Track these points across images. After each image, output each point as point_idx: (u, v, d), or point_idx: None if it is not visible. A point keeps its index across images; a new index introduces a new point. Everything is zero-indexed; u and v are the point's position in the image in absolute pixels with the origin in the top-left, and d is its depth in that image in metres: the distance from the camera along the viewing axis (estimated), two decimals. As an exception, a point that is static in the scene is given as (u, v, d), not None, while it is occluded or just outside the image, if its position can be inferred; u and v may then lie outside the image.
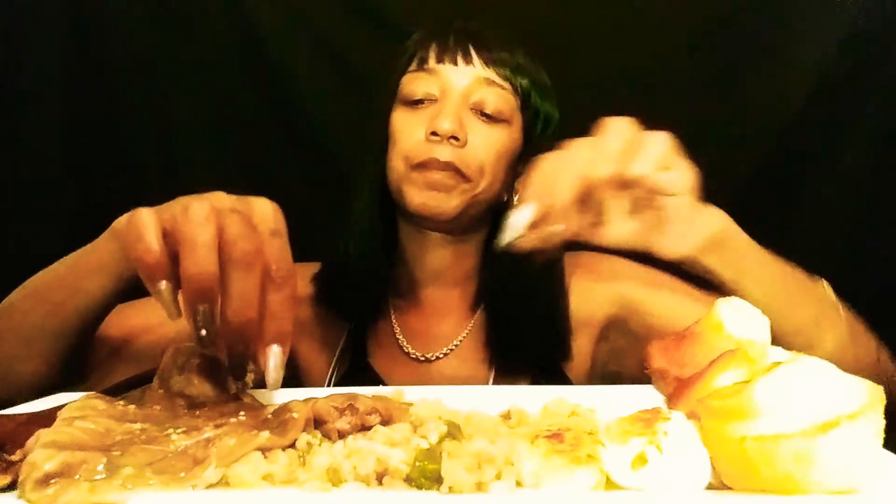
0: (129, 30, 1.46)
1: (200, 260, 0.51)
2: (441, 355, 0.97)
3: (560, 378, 0.93)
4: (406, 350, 0.97)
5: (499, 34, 0.96)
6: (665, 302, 0.91)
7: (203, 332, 0.51)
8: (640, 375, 0.91)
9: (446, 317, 0.99)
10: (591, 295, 0.96)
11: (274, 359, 0.53)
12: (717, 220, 0.71)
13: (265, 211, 0.57)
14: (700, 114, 1.41)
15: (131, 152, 1.49)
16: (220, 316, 0.51)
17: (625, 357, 0.95)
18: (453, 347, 0.97)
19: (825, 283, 0.76)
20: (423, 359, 0.97)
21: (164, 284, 0.52)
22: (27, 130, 1.45)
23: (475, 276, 0.99)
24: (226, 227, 0.52)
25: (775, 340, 0.69)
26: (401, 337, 0.98)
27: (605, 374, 0.99)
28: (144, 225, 0.53)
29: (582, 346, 0.96)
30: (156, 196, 0.59)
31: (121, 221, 0.69)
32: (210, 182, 1.56)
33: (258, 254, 0.52)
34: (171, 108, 1.49)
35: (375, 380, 0.95)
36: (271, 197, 0.60)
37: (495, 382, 0.94)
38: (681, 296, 0.89)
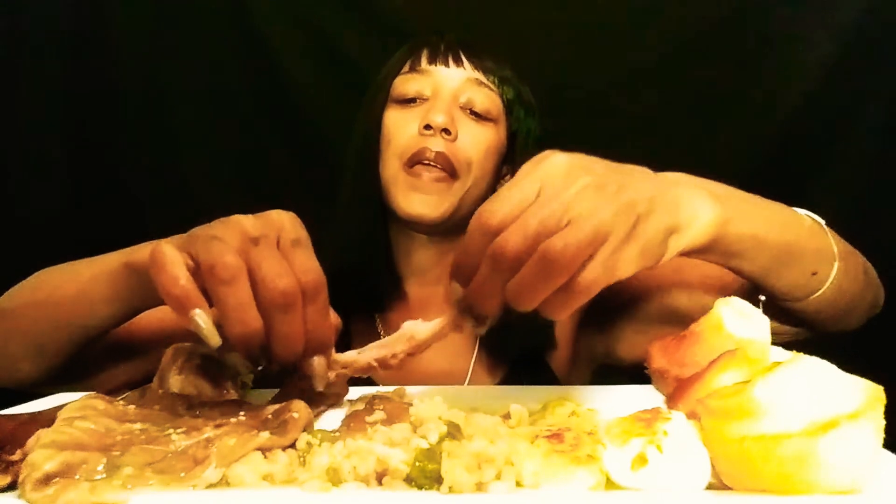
0: (129, 29, 1.46)
1: (242, 319, 0.50)
2: None
3: (540, 367, 0.95)
4: None
5: (489, 47, 1.00)
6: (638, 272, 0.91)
7: (259, 367, 0.54)
8: (632, 354, 0.93)
9: (429, 314, 1.00)
10: None
11: (317, 369, 0.55)
12: (701, 232, 0.58)
13: (283, 223, 0.56)
14: (701, 113, 1.41)
15: (131, 153, 1.49)
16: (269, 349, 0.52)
17: (613, 334, 0.97)
18: None
19: (818, 220, 0.72)
20: None
21: (197, 313, 0.50)
22: (27, 131, 1.45)
23: None
24: (258, 268, 0.51)
25: (773, 298, 0.70)
26: (382, 333, 1.00)
27: (592, 356, 1.01)
28: (165, 257, 0.51)
29: (562, 333, 0.98)
30: (155, 196, 0.59)
31: (137, 254, 0.67)
32: (209, 181, 1.57)
33: (294, 287, 0.51)
34: (172, 109, 1.49)
35: None
36: (271, 196, 0.60)
37: (473, 373, 0.95)
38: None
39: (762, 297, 0.72)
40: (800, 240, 0.68)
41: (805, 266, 0.69)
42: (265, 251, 0.52)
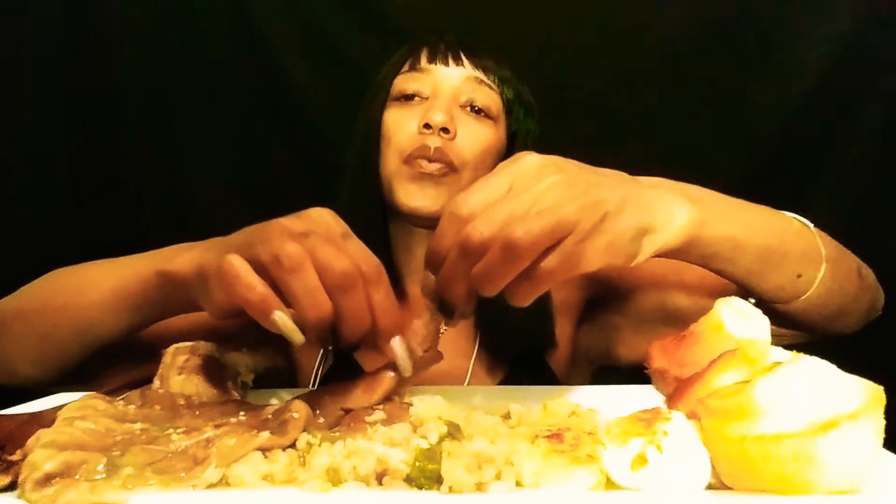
0: (129, 29, 1.46)
1: (315, 304, 0.52)
2: None
3: (541, 366, 0.95)
4: None
5: (489, 47, 1.00)
6: (635, 270, 0.92)
7: (330, 347, 0.56)
8: (630, 354, 0.94)
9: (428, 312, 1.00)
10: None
11: (399, 350, 0.57)
12: (676, 233, 0.60)
13: (326, 219, 0.58)
14: (702, 113, 1.41)
15: (131, 153, 1.49)
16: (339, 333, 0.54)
17: (612, 335, 0.97)
18: None
19: (806, 223, 0.73)
20: None
21: (278, 314, 0.52)
22: (26, 130, 1.45)
23: None
24: (314, 256, 0.52)
25: (760, 300, 0.71)
26: None
27: (591, 356, 1.01)
28: (236, 267, 0.52)
29: (562, 332, 0.98)
30: (155, 196, 0.59)
31: (172, 263, 0.64)
32: (209, 181, 1.56)
33: (353, 266, 0.53)
34: (172, 109, 1.49)
35: (360, 373, 0.96)
36: (271, 196, 0.60)
37: (473, 374, 0.95)
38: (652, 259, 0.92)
39: (751, 300, 0.72)
40: (783, 243, 0.69)
41: (789, 269, 0.69)
42: (316, 241, 0.54)
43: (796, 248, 0.70)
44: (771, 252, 0.68)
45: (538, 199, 0.51)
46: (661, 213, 0.58)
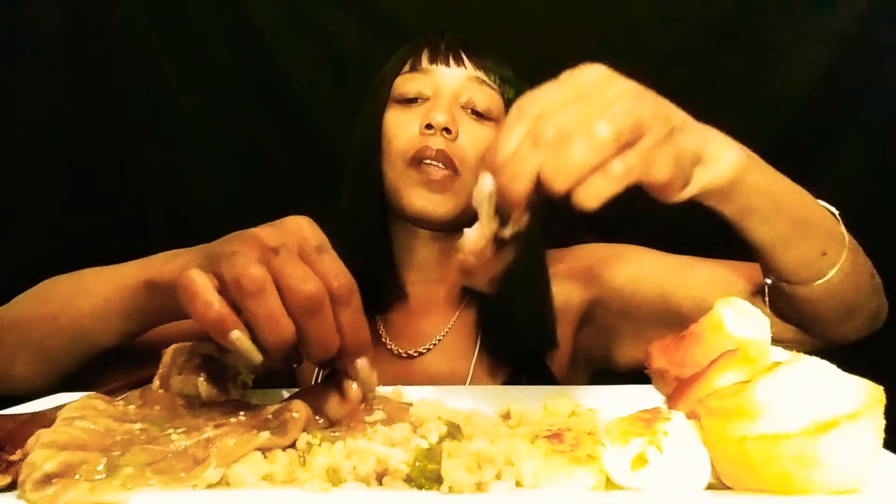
0: (129, 29, 1.46)
1: (275, 328, 0.50)
2: (424, 351, 0.98)
3: (541, 369, 0.95)
4: (389, 347, 0.98)
5: (488, 47, 1.00)
6: (638, 273, 0.94)
7: (294, 365, 0.56)
8: (629, 358, 0.94)
9: (430, 314, 1.01)
10: (566, 281, 0.99)
11: (362, 371, 0.56)
12: (725, 169, 0.61)
13: (302, 229, 0.57)
14: (702, 113, 1.41)
15: (131, 153, 1.49)
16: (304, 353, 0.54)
17: (612, 337, 0.97)
18: (436, 342, 0.98)
19: (833, 210, 0.73)
20: (405, 355, 0.98)
21: (235, 334, 0.51)
22: (26, 131, 1.45)
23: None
24: (280, 276, 0.51)
25: (780, 277, 0.71)
26: (384, 334, 1.00)
27: (589, 359, 1.02)
28: (195, 284, 0.51)
29: (563, 334, 0.98)
30: (155, 197, 0.59)
31: (159, 272, 0.65)
32: (209, 181, 1.56)
33: (321, 290, 0.51)
34: (172, 109, 1.49)
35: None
36: (271, 196, 0.60)
37: (473, 376, 0.95)
38: (655, 263, 0.93)
39: (768, 280, 0.72)
40: (812, 214, 0.69)
41: (816, 243, 0.69)
42: (286, 258, 0.52)
43: (823, 224, 0.70)
44: (803, 221, 0.68)
45: (612, 102, 0.50)
46: (713, 146, 0.59)
